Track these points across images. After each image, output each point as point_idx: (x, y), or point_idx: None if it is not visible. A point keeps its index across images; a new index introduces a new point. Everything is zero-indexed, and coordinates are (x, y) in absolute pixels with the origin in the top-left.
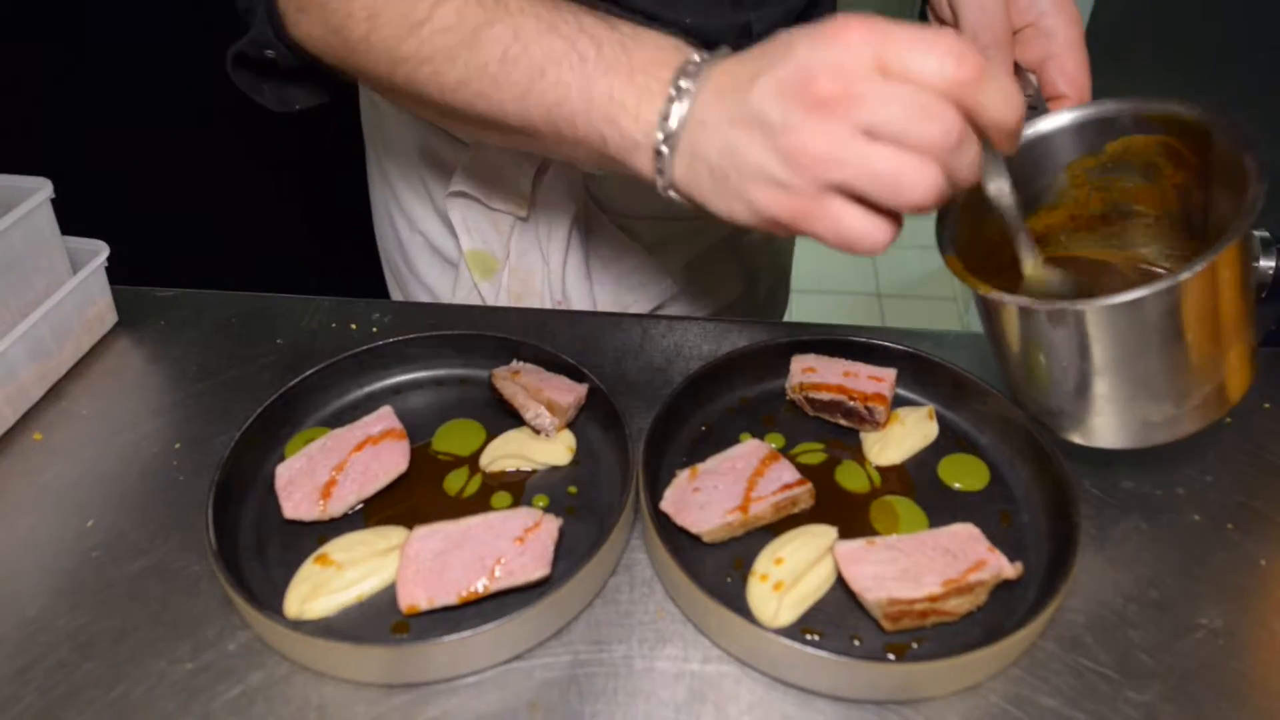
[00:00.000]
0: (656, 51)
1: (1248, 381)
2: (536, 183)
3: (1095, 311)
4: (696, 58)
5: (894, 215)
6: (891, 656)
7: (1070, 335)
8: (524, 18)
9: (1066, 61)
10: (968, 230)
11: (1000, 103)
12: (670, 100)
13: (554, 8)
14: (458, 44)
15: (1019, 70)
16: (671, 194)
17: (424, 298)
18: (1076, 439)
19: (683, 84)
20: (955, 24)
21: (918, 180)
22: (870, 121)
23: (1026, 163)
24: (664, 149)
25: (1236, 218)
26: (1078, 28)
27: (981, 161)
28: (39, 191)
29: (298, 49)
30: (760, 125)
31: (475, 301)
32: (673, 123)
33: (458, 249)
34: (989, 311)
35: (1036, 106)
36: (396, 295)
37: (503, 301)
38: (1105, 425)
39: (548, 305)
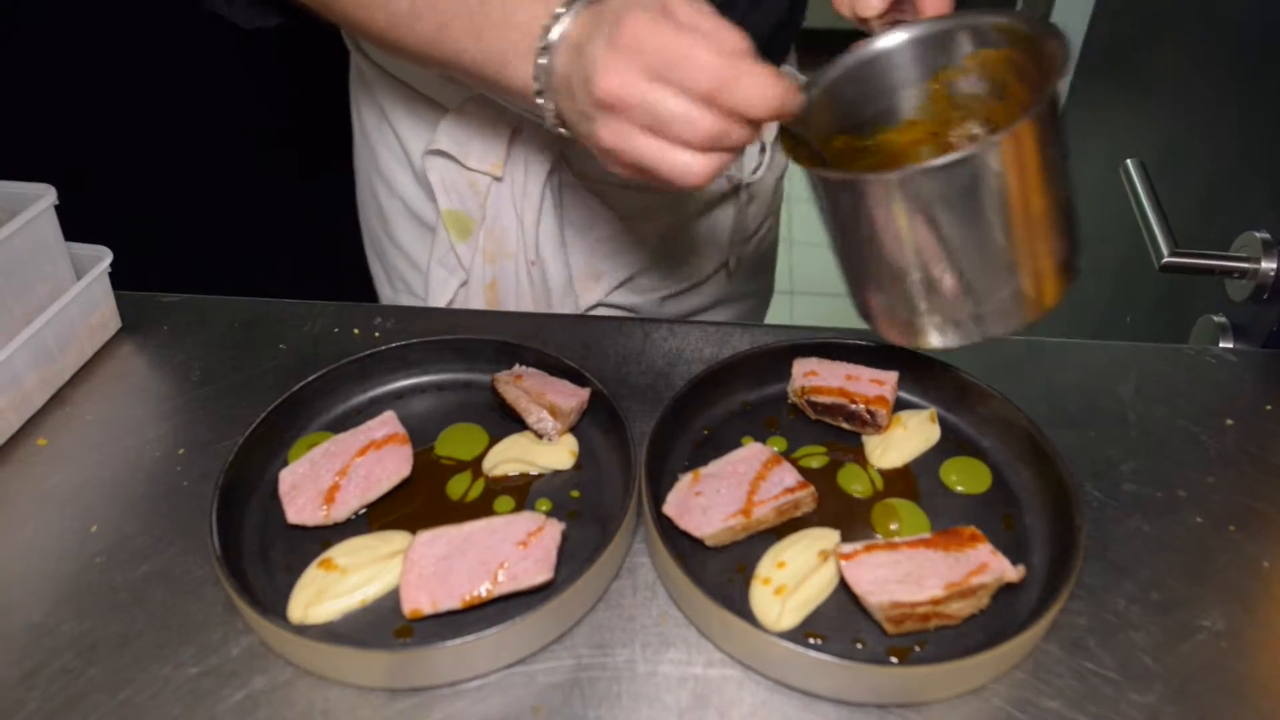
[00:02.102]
0: (531, 6)
1: (1058, 292)
2: (512, 142)
3: (887, 182)
4: (561, 9)
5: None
6: (894, 660)
7: (867, 209)
8: None
9: None
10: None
11: (753, 98)
12: (546, 31)
13: None
14: None
15: None
16: (548, 114)
17: (402, 265)
18: (893, 337)
19: (559, 11)
20: None
21: (685, 170)
22: (645, 123)
23: (888, 71)
24: (542, 62)
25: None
26: None
27: (749, 139)
28: (43, 198)
29: None
30: (585, 71)
31: (453, 265)
32: (553, 34)
33: (435, 212)
34: (815, 194)
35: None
36: (375, 266)
37: (478, 264)
38: (911, 318)
39: (522, 267)
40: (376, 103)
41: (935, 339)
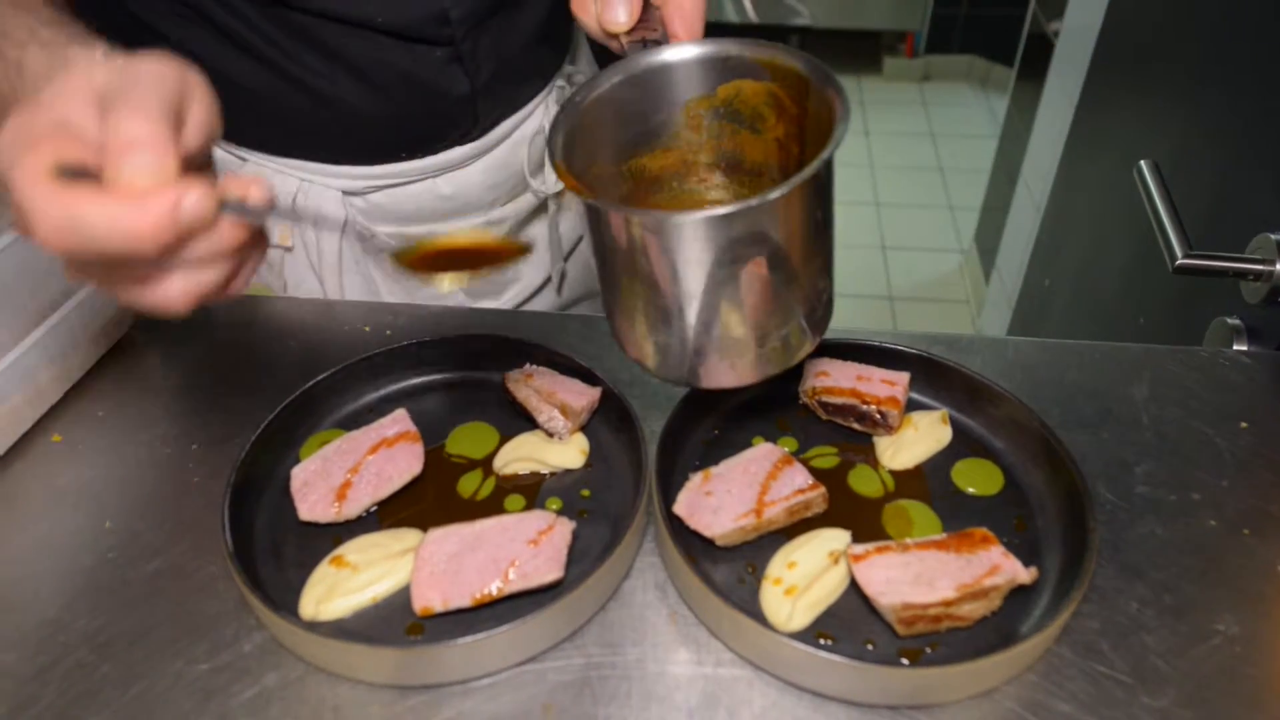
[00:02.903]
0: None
1: (815, 338)
2: (293, 210)
3: (674, 225)
4: None
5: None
6: (905, 661)
7: (641, 249)
8: None
9: (685, 2)
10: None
11: (100, 236)
12: None
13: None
14: None
15: (648, 5)
16: None
17: None
18: (657, 374)
19: None
20: None
21: (164, 302)
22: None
23: (644, 94)
24: None
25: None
26: None
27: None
28: None
29: None
30: None
31: None
32: None
33: None
34: (590, 224)
35: (660, 41)
36: None
37: None
38: (673, 357)
39: None
40: None
41: (679, 375)
